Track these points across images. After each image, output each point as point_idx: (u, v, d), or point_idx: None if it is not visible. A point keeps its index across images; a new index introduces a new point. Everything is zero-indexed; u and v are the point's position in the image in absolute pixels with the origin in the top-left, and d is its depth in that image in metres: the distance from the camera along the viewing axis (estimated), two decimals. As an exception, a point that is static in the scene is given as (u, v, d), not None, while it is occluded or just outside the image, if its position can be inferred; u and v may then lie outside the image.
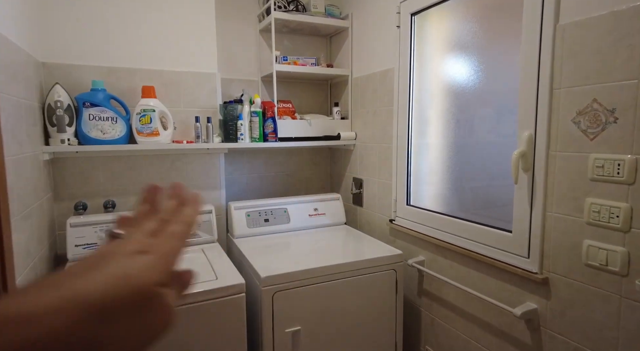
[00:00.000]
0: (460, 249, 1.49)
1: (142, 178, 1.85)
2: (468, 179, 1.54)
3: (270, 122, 1.99)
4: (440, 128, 1.65)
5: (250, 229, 1.91)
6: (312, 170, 2.47)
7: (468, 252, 1.45)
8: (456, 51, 1.55)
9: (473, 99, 1.49)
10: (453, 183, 1.60)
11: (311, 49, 2.38)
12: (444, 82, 1.62)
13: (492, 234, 1.37)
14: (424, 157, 1.74)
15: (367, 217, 2.13)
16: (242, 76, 2.22)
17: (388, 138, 1.90)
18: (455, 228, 1.54)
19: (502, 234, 1.33)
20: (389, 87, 1.87)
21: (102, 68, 1.73)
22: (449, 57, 1.59)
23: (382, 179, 1.97)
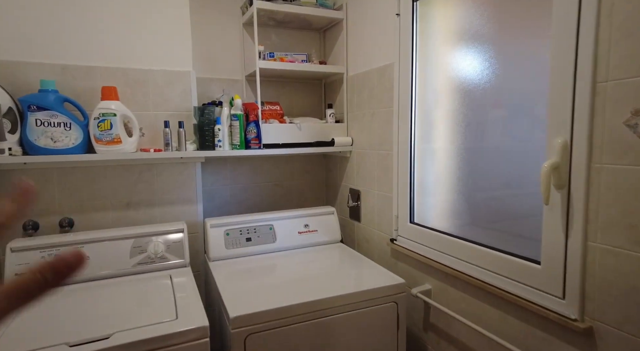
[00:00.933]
0: (474, 280, 1.22)
1: (105, 192, 1.61)
2: (481, 189, 1.27)
3: (252, 127, 1.74)
4: (448, 131, 1.39)
5: (229, 250, 1.66)
6: (304, 180, 2.21)
7: (483, 284, 1.19)
8: (466, 43, 1.29)
9: (486, 98, 1.22)
10: (463, 195, 1.34)
11: (302, 45, 2.14)
12: (452, 78, 1.35)
13: (515, 265, 1.10)
14: (430, 166, 1.48)
15: (365, 234, 1.87)
16: (224, 75, 1.98)
17: (388, 144, 1.64)
18: (467, 253, 1.27)
19: (528, 266, 1.07)
20: (389, 85, 1.61)
21: (54, 66, 1.50)
22: (457, 49, 1.33)
23: (382, 191, 1.71)
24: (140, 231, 1.53)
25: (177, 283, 1.42)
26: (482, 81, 1.25)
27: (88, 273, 1.41)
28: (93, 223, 1.60)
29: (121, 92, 1.60)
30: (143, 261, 1.50)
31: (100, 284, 1.40)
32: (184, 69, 1.71)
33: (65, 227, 1.55)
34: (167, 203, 1.72)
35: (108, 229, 1.52)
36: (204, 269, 1.79)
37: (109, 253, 1.46)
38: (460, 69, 1.33)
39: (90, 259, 1.43)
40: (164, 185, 1.71)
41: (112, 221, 1.63)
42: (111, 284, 1.39)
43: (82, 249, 1.39)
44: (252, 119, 1.74)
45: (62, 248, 1.41)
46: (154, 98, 1.67)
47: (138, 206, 1.67)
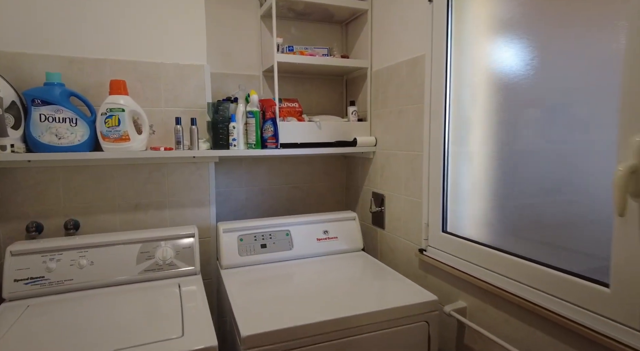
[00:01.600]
0: (521, 300, 1.06)
1: (112, 193, 1.51)
2: (521, 196, 1.11)
3: (269, 125, 1.62)
4: (485, 131, 1.23)
5: (243, 257, 1.53)
6: (324, 182, 2.08)
7: (533, 306, 1.02)
8: (506, 32, 1.13)
9: (528, 95, 1.06)
10: (502, 202, 1.18)
11: (323, 38, 2.01)
12: (491, 73, 1.20)
13: (574, 286, 0.94)
14: (464, 169, 1.33)
15: (389, 242, 1.72)
16: (240, 70, 1.86)
17: (417, 144, 1.49)
18: (511, 269, 1.11)
19: (592, 289, 0.90)
20: (419, 79, 1.46)
21: (61, 58, 1.41)
22: (496, 40, 1.18)
23: (409, 196, 1.56)
24: (148, 236, 1.43)
25: (186, 293, 1.31)
26: (525, 77, 1.09)
27: (91, 280, 1.31)
28: (99, 225, 1.51)
29: (131, 86, 1.50)
30: (150, 267, 1.39)
31: (104, 292, 1.29)
32: (197, 63, 1.60)
33: (70, 229, 1.45)
34: (178, 206, 1.61)
35: (114, 233, 1.42)
36: (217, 278, 1.67)
37: (114, 258, 1.36)
38: (500, 62, 1.17)
39: (93, 265, 1.33)
40: (175, 186, 1.60)
41: (119, 223, 1.53)
42: (115, 293, 1.29)
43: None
44: (269, 117, 1.62)
45: (65, 252, 1.32)
46: (165, 93, 1.56)
47: (147, 208, 1.57)
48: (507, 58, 1.15)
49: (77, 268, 1.30)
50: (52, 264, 1.28)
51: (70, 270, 1.30)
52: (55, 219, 1.45)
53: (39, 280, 1.26)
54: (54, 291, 1.27)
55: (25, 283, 1.25)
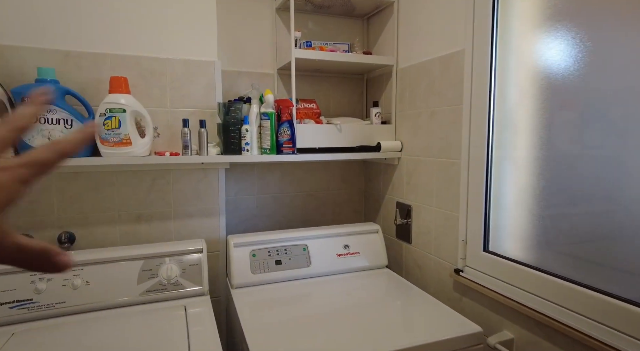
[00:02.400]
0: (582, 336, 0.89)
1: (111, 202, 1.37)
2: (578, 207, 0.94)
3: (286, 128, 1.46)
4: (533, 136, 1.07)
5: (256, 275, 1.37)
6: (341, 189, 1.92)
7: (600, 345, 0.85)
8: (558, 24, 0.96)
9: (584, 96, 0.90)
10: (555, 215, 1.01)
11: (343, 34, 1.85)
12: (540, 70, 1.03)
13: (664, 328, 0.77)
14: (508, 178, 1.16)
15: (417, 259, 1.55)
16: (253, 68, 1.71)
17: (453, 150, 1.33)
18: (570, 298, 0.95)
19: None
20: (456, 77, 1.30)
21: (55, 52, 1.26)
22: (545, 33, 1.01)
23: (442, 208, 1.39)
24: (151, 251, 1.27)
25: (193, 316, 1.15)
26: (581, 75, 0.92)
27: (86, 303, 1.16)
28: (97, 238, 1.36)
29: (133, 85, 1.35)
30: (153, 288, 1.24)
31: (100, 316, 1.14)
32: (207, 59, 1.45)
33: (64, 243, 1.30)
34: (184, 216, 1.46)
35: (113, 248, 1.27)
36: (226, 296, 1.51)
37: (113, 277, 1.21)
38: (548, 58, 1.00)
39: (89, 285, 1.17)
40: (181, 195, 1.45)
41: (119, 236, 1.38)
42: (113, 317, 1.13)
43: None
44: (286, 119, 1.46)
45: (57, 270, 1.16)
46: (171, 92, 1.41)
47: (150, 219, 1.42)
48: (555, 54, 0.99)
49: (70, 289, 1.15)
50: (42, 284, 1.13)
51: (62, 291, 1.14)
52: (48, 231, 1.30)
53: (26, 303, 1.11)
54: (44, 315, 1.12)
55: (11, 307, 1.10)
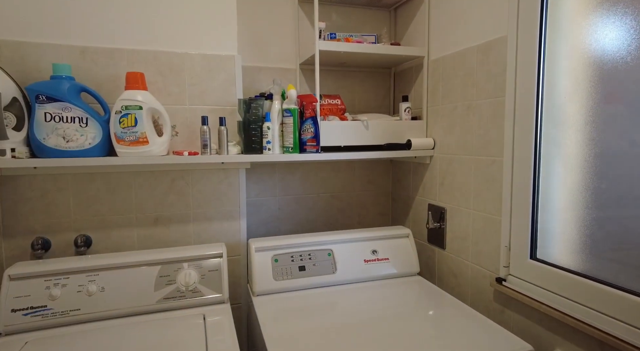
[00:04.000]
0: (668, 366, 0.76)
1: (129, 204, 1.31)
2: None
3: (309, 125, 1.37)
4: (585, 131, 0.94)
5: (278, 282, 1.29)
6: (366, 190, 1.81)
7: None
8: (618, 7, 0.83)
9: None
10: (612, 219, 0.88)
11: (368, 25, 1.75)
12: (595, 58, 0.90)
13: None
14: (558, 178, 1.03)
15: (452, 266, 1.43)
16: (274, 63, 1.63)
17: (494, 147, 1.21)
18: (632, 312, 0.81)
19: None
20: (497, 67, 1.18)
21: (71, 48, 1.22)
22: (599, 17, 0.88)
23: (481, 211, 1.27)
24: (168, 256, 1.21)
25: (212, 325, 1.08)
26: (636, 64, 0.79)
27: (101, 310, 1.10)
28: (114, 241, 1.30)
29: (151, 81, 1.29)
30: (170, 295, 1.17)
31: (115, 325, 1.08)
32: (227, 53, 1.38)
33: (81, 247, 1.25)
34: (204, 219, 1.39)
35: (128, 253, 1.21)
36: (247, 303, 1.44)
37: (129, 283, 1.14)
38: (604, 45, 0.87)
39: (104, 292, 1.12)
40: (201, 196, 1.38)
41: (137, 239, 1.33)
42: (129, 326, 1.07)
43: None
44: (309, 115, 1.37)
45: (72, 276, 1.11)
46: (190, 89, 1.34)
47: (168, 223, 1.35)
48: (612, 41, 0.86)
49: (85, 296, 1.10)
50: (56, 290, 1.08)
51: (77, 298, 1.09)
52: (64, 234, 1.25)
53: (40, 310, 1.06)
54: (58, 323, 1.07)
55: (25, 314, 1.05)
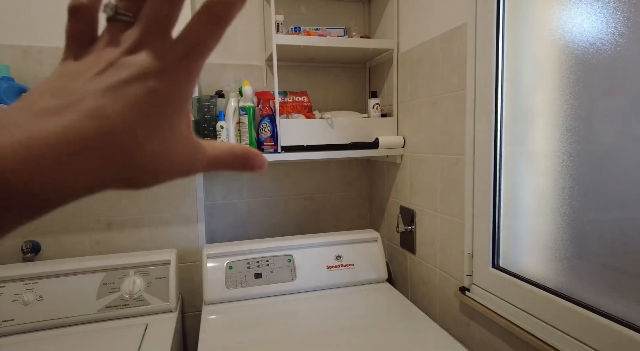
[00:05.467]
0: (627, 396, 0.65)
1: (79, 208, 1.27)
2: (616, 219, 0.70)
3: (266, 124, 1.30)
4: (559, 126, 0.83)
5: (231, 290, 1.22)
6: (343, 192, 1.73)
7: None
8: None
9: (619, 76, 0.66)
10: (588, 229, 0.77)
11: (342, 18, 1.66)
12: (563, 46, 0.80)
13: None
14: (525, 179, 0.93)
15: (421, 272, 1.34)
16: (241, 59, 1.56)
17: (457, 145, 1.11)
18: (606, 336, 0.71)
19: None
20: (459, 57, 1.08)
21: (12, 48, 1.18)
22: None
23: (446, 213, 1.18)
24: (113, 263, 1.16)
25: (150, 336, 1.02)
26: (612, 49, 0.68)
27: (37, 320, 1.05)
28: (65, 248, 1.26)
29: (99, 80, 1.24)
30: (113, 303, 1.12)
31: (48, 336, 1.03)
32: (181, 50, 1.32)
33: (28, 253, 1.22)
34: (159, 223, 1.33)
35: (72, 259, 1.16)
36: (204, 310, 1.38)
37: (70, 292, 1.10)
38: (575, 30, 0.77)
39: (42, 301, 1.07)
40: (155, 200, 1.32)
41: (89, 245, 1.28)
42: (62, 336, 1.02)
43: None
44: (266, 114, 1.30)
45: (8, 284, 1.07)
46: (142, 88, 1.29)
47: (122, 227, 1.30)
48: (585, 24, 0.75)
49: (20, 305, 1.05)
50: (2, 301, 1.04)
51: (11, 307, 1.05)
52: (9, 240, 1.22)
53: (-27, 322, 1.03)
54: (-10, 334, 1.03)
55: (-45, 326, 1.02)
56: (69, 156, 0.18)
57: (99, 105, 0.18)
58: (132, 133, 0.19)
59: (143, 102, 0.19)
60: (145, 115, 0.20)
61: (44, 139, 0.17)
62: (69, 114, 0.18)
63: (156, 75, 0.20)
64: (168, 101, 0.20)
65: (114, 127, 0.18)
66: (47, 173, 0.17)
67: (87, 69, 0.20)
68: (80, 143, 0.18)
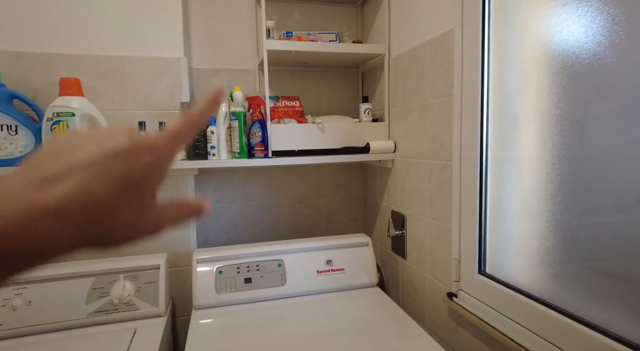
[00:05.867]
0: (606, 405, 0.65)
1: (70, 213, 1.27)
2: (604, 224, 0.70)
3: (257, 128, 1.30)
4: (545, 131, 0.83)
5: (221, 295, 1.23)
6: (337, 196, 1.73)
7: None
8: None
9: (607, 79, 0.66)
10: (575, 234, 0.77)
11: (335, 22, 1.67)
12: (550, 51, 0.80)
13: None
14: (511, 183, 0.92)
15: (412, 277, 1.34)
16: (233, 64, 1.57)
17: (445, 151, 1.11)
18: (590, 347, 0.71)
19: None
20: (447, 63, 1.08)
21: (5, 53, 1.19)
22: (557, 4, 0.77)
23: (435, 218, 1.18)
24: (103, 268, 1.16)
25: (138, 341, 1.02)
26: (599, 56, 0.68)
27: (26, 325, 1.06)
28: (56, 251, 1.27)
29: (91, 86, 1.25)
30: (102, 308, 1.12)
31: (39, 340, 1.04)
32: (173, 56, 1.33)
33: (20, 257, 1.22)
34: (150, 228, 1.34)
35: (62, 264, 1.17)
36: (195, 314, 1.38)
37: (59, 297, 1.10)
38: (562, 35, 0.76)
39: (31, 306, 1.08)
40: (146, 204, 1.33)
41: (80, 249, 1.29)
42: (52, 341, 1.03)
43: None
44: (256, 119, 1.31)
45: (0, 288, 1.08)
46: (133, 93, 1.30)
47: (113, 231, 1.31)
48: (572, 29, 0.75)
49: (9, 310, 1.06)
50: (-20, 305, 1.05)
51: (0, 312, 1.06)
52: (3, 244, 1.23)
53: (-38, 325, 1.03)
54: (-21, 338, 1.04)
55: (-56, 328, 1.03)
56: (58, 224, 0.20)
57: (88, 180, 0.21)
58: (113, 208, 0.22)
59: (127, 182, 0.23)
60: (126, 193, 0.23)
61: (41, 209, 0.20)
62: (63, 186, 0.21)
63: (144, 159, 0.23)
64: (148, 183, 0.24)
65: (99, 203, 0.21)
66: (38, 238, 0.20)
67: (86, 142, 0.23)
68: (69, 214, 0.20)
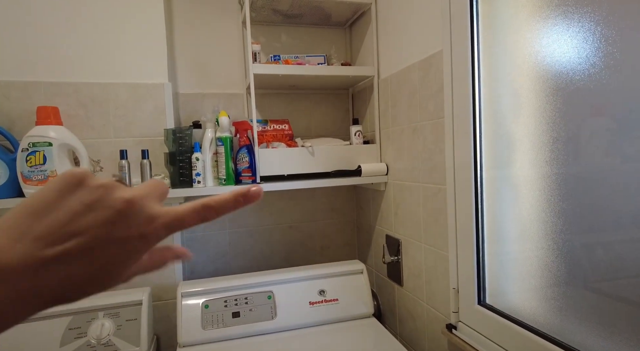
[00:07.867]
0: None
1: (48, 247, 1.21)
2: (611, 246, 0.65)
3: (244, 154, 1.26)
4: (542, 149, 0.79)
5: (207, 331, 1.15)
6: (330, 219, 1.68)
7: None
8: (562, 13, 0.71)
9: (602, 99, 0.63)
10: (580, 258, 0.72)
11: (323, 45, 1.65)
12: (543, 71, 0.77)
13: None
14: (508, 206, 0.88)
15: (409, 306, 1.27)
16: (221, 88, 1.54)
17: (438, 174, 1.07)
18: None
19: None
20: (436, 84, 1.05)
21: (-19, 83, 1.15)
22: (549, 23, 0.75)
23: (431, 244, 1.12)
24: (80, 306, 1.09)
25: (117, 390, 0.94)
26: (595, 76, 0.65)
27: (-5, 372, 0.98)
28: (32, 288, 1.20)
29: (71, 114, 1.21)
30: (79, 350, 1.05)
31: (8, 390, 0.96)
32: (156, 81, 1.29)
33: (-8, 296, 1.15)
34: (133, 260, 1.27)
35: (36, 303, 1.10)
36: (180, 352, 1.30)
37: (31, 339, 1.03)
38: (555, 55, 0.74)
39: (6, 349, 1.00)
40: (128, 236, 1.27)
41: (58, 285, 1.22)
42: (22, 391, 0.95)
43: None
44: (243, 144, 1.27)
45: None
46: (115, 121, 1.26)
47: (94, 265, 1.24)
48: (565, 49, 0.72)
49: (-24, 356, 0.99)
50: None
51: (-34, 359, 0.98)
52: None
53: None
54: (-58, 389, 0.96)
55: None
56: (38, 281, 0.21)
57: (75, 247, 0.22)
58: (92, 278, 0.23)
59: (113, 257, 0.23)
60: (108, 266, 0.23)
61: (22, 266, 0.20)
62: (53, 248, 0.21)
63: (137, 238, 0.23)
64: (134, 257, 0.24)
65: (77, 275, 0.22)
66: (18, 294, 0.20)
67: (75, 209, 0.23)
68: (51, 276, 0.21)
